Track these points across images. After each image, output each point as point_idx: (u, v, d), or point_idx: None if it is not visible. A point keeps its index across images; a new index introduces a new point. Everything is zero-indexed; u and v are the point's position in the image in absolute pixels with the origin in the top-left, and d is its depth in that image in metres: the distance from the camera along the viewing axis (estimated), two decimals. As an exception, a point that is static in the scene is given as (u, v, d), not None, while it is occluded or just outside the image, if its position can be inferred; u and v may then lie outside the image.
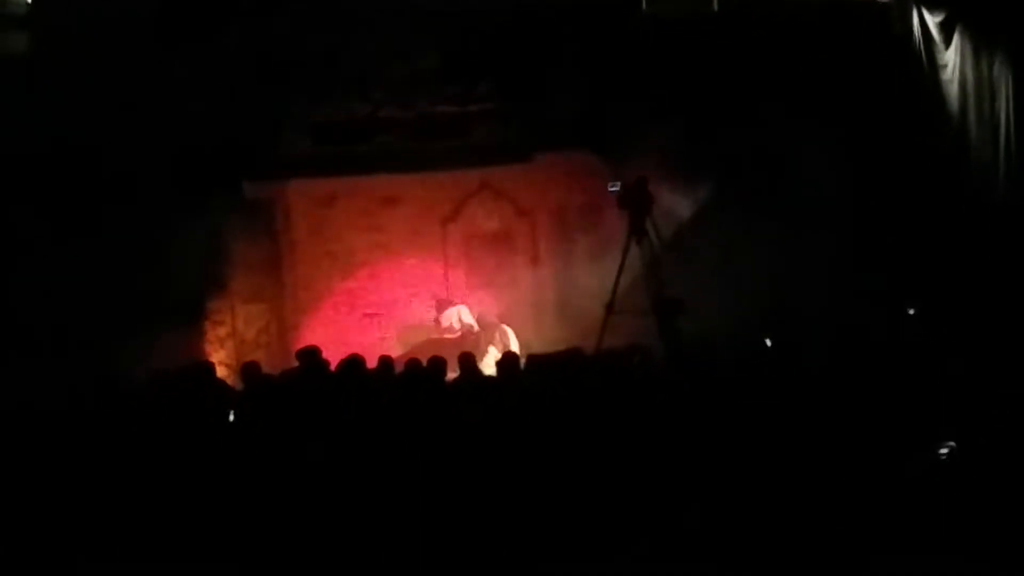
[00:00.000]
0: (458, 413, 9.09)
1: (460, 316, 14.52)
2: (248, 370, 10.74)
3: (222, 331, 14.47)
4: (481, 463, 8.31)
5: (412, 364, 10.40)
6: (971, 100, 13.16)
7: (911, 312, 12.27)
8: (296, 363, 10.77)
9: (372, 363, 10.53)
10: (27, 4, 12.09)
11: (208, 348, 14.26)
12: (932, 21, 13.26)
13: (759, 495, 7.66)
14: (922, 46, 13.40)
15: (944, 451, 7.97)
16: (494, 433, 8.71)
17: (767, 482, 7.77)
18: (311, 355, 10.69)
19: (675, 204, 13.95)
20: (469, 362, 10.79)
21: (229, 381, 11.48)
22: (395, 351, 14.19)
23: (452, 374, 10.63)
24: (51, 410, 9.13)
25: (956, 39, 13.08)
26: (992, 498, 7.36)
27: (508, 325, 14.53)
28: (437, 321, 14.59)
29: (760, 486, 7.73)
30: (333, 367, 10.42)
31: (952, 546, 6.99)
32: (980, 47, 13.03)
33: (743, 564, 7.18)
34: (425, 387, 9.79)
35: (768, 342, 10.49)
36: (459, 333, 14.40)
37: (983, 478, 7.62)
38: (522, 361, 10.69)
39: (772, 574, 7.18)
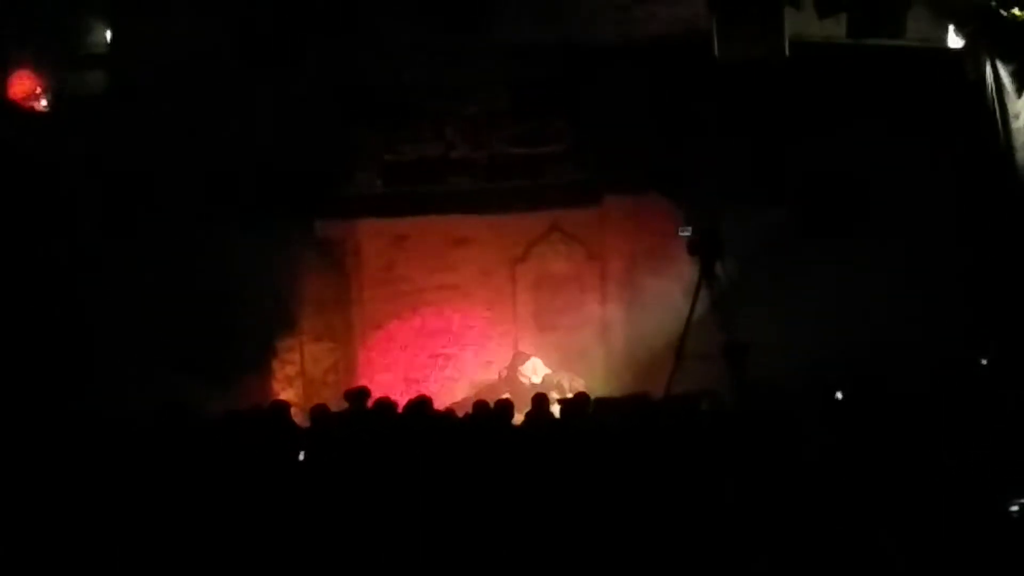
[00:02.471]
0: (526, 455, 9.09)
1: (535, 368, 14.48)
2: (317, 414, 10.76)
3: (291, 370, 14.58)
4: (548, 504, 8.31)
5: (480, 406, 10.42)
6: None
7: (983, 362, 12.11)
8: (347, 402, 10.86)
9: (441, 404, 10.56)
10: (106, 45, 12.28)
11: (277, 387, 14.35)
12: (1004, 70, 13.17)
13: (827, 545, 7.59)
14: (995, 94, 13.29)
15: (1016, 508, 7.86)
16: (562, 475, 8.69)
17: (835, 533, 7.70)
18: (360, 396, 10.77)
19: (746, 248, 13.88)
20: (542, 402, 10.74)
21: (297, 420, 11.55)
22: (464, 392, 14.29)
23: (519, 416, 10.64)
24: (129, 431, 9.29)
25: (1029, 87, 12.99)
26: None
27: (576, 367, 14.51)
28: (512, 374, 14.53)
29: (828, 537, 7.67)
30: (401, 407, 10.45)
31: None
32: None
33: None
34: (493, 429, 9.80)
35: (839, 395, 10.39)
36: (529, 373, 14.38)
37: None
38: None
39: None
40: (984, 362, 12.12)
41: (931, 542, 7.44)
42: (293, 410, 12.78)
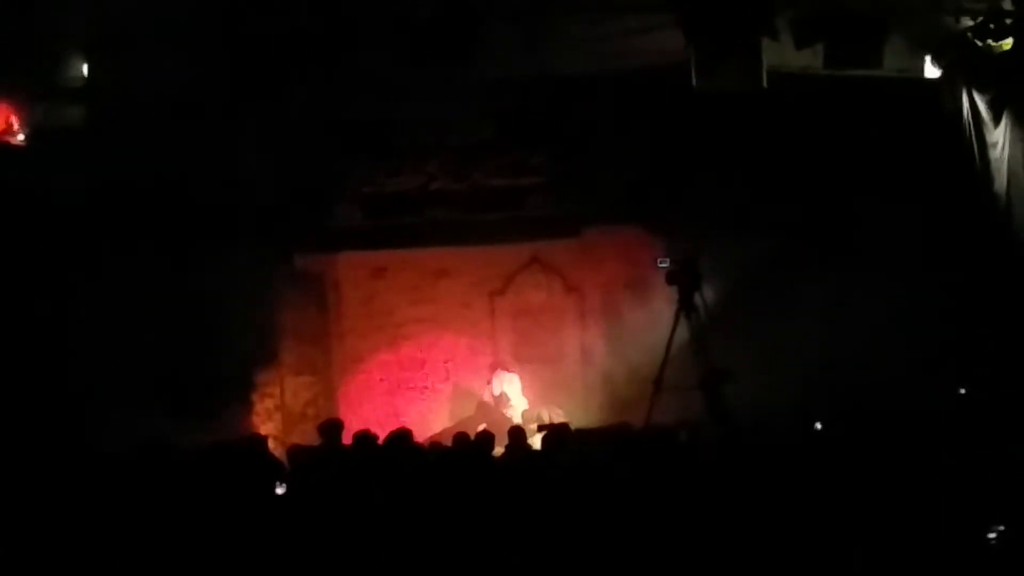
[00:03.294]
0: (506, 487, 9.07)
1: (515, 400, 14.44)
2: (294, 451, 10.68)
3: (270, 403, 14.53)
4: (529, 536, 8.30)
5: (459, 438, 10.40)
6: (1018, 178, 13.09)
7: (962, 392, 12.14)
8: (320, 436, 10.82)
9: (420, 436, 10.53)
10: (83, 78, 12.25)
11: (256, 420, 14.30)
12: (981, 100, 13.24)
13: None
14: (972, 124, 13.36)
15: (994, 535, 7.87)
16: (542, 507, 8.67)
17: (814, 562, 7.70)
18: (333, 428, 10.75)
19: (725, 279, 13.91)
20: (518, 436, 10.75)
21: (277, 454, 11.49)
22: (443, 423, 14.25)
23: (500, 449, 10.62)
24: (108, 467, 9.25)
25: (1005, 118, 13.04)
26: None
27: (555, 399, 14.50)
28: (492, 406, 14.47)
29: (807, 566, 7.67)
30: (381, 440, 10.42)
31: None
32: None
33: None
34: (473, 461, 9.78)
35: (818, 426, 10.40)
36: (509, 404, 14.32)
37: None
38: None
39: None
40: (964, 391, 12.17)
41: (909, 570, 7.44)
42: (273, 443, 12.79)
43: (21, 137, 12.14)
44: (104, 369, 13.11)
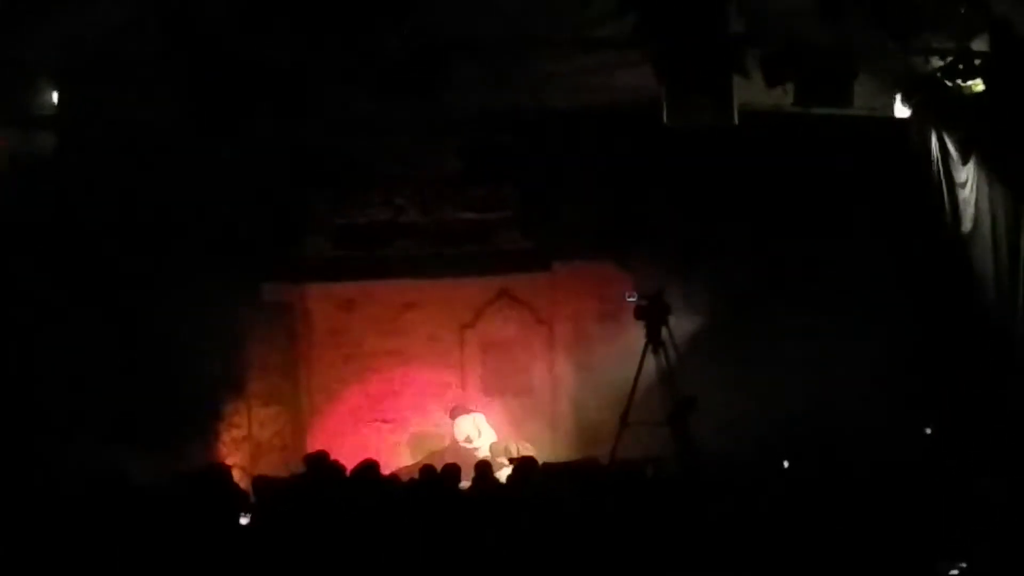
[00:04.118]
0: (472, 521, 9.06)
1: (476, 424, 14.41)
2: (260, 484, 10.63)
3: (238, 433, 14.45)
4: (492, 570, 8.28)
5: (427, 471, 10.38)
6: (986, 218, 13.20)
7: (928, 431, 12.22)
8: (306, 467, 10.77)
9: (387, 469, 10.50)
10: (54, 106, 12.24)
11: (223, 450, 14.22)
12: (950, 140, 13.37)
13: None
14: (940, 163, 13.49)
15: (955, 572, 7.90)
16: (508, 541, 8.66)
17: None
18: (320, 460, 10.69)
19: (693, 315, 13.95)
20: (485, 470, 10.76)
21: (243, 484, 11.43)
22: (410, 457, 14.20)
23: (466, 483, 10.60)
24: (64, 496, 9.17)
25: (974, 158, 13.17)
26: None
27: (523, 432, 14.49)
28: (459, 439, 14.42)
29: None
30: (348, 472, 10.39)
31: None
32: (998, 166, 13.09)
33: None
34: (439, 494, 9.76)
35: (785, 464, 10.44)
36: (473, 444, 14.27)
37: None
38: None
39: None
40: (928, 431, 12.24)
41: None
42: (240, 474, 12.73)
43: (-9, 164, 12.10)
44: (65, 399, 13.03)
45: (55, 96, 12.04)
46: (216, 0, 10.89)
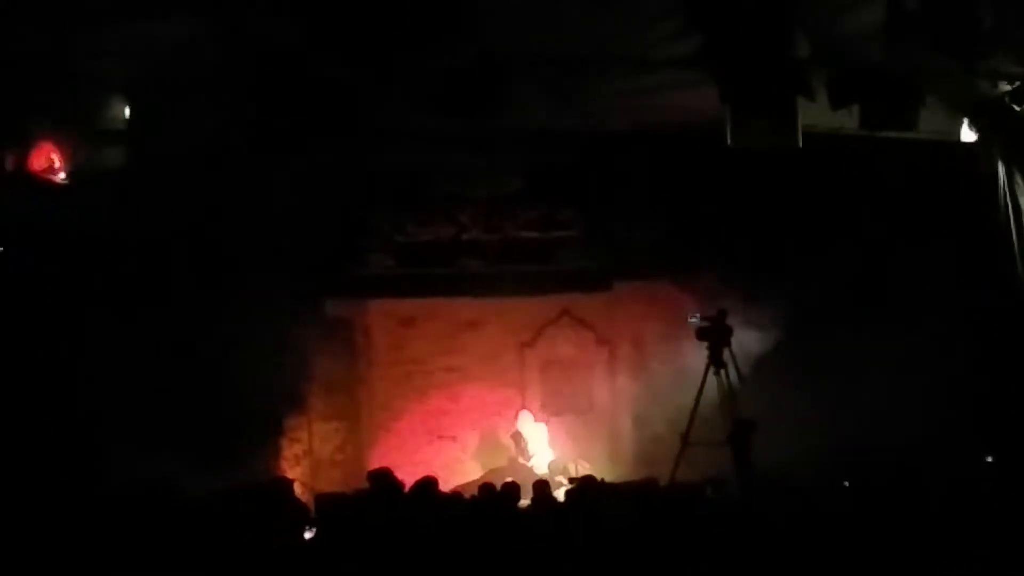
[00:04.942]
0: (531, 539, 9.06)
1: (541, 453, 14.42)
2: (322, 500, 10.69)
3: (298, 448, 14.54)
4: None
5: (486, 489, 10.40)
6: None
7: (989, 460, 12.08)
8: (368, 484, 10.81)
9: (447, 486, 10.53)
10: (124, 120, 12.39)
11: (284, 465, 14.30)
12: (1017, 165, 13.23)
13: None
14: (1007, 188, 13.35)
15: None
16: (565, 561, 8.66)
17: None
18: (383, 477, 10.73)
19: (756, 335, 13.90)
20: (544, 489, 10.76)
21: (304, 499, 11.52)
22: (470, 474, 14.24)
23: (525, 501, 10.61)
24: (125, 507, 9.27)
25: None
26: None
27: (582, 452, 14.48)
28: (518, 457, 14.47)
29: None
30: (407, 488, 10.43)
31: None
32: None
33: None
34: (498, 512, 9.77)
35: (846, 484, 10.36)
36: (534, 455, 14.30)
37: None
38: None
39: None
40: (990, 459, 12.10)
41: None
42: (300, 489, 12.81)
43: (63, 176, 12.27)
44: (128, 412, 13.17)
45: (125, 110, 12.19)
46: (280, 16, 10.94)
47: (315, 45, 10.96)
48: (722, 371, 13.04)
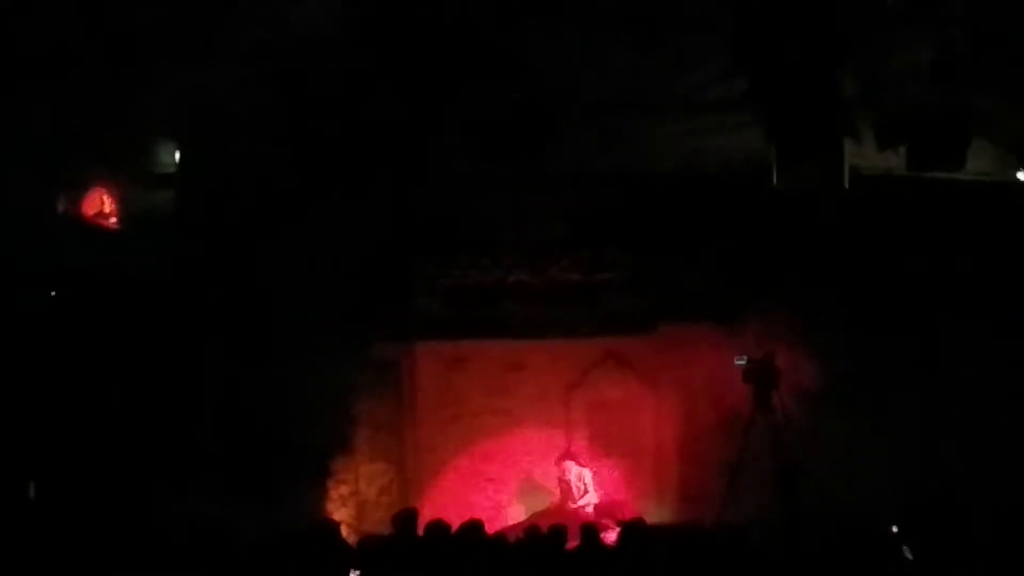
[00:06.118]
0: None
1: (588, 495, 14.40)
2: (368, 542, 10.70)
3: (345, 490, 14.57)
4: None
5: (532, 531, 10.37)
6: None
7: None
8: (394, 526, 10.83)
9: (492, 528, 10.51)
10: (174, 164, 12.54)
11: (330, 506, 14.34)
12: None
13: None
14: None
15: None
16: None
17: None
18: (408, 519, 10.75)
19: (803, 377, 13.83)
20: (591, 532, 10.70)
21: (350, 540, 11.52)
22: (516, 517, 14.21)
23: (572, 544, 10.57)
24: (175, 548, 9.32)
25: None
26: None
27: (629, 494, 14.44)
28: (565, 500, 14.44)
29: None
30: (454, 530, 10.42)
31: None
32: None
33: None
34: (545, 555, 9.74)
35: (895, 529, 10.25)
36: (582, 498, 14.26)
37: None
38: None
39: None
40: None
41: None
42: (346, 530, 12.83)
43: (114, 220, 12.43)
44: (178, 452, 13.27)
45: (176, 154, 12.34)
46: (329, 62, 11.06)
47: (363, 91, 11.07)
48: (769, 414, 12.97)
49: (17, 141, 11.40)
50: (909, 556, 9.52)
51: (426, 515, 11.13)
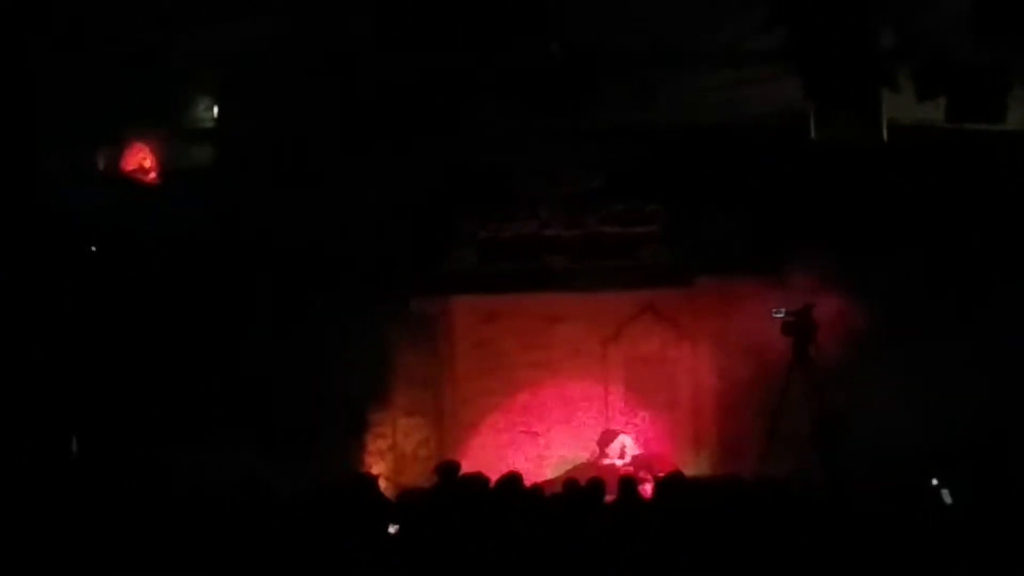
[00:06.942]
0: (616, 536, 9.06)
1: (624, 446, 14.43)
2: (406, 495, 10.77)
3: (383, 443, 14.68)
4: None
5: (570, 485, 10.40)
6: None
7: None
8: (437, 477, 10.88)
9: (530, 481, 10.54)
10: (213, 119, 12.54)
11: (368, 460, 14.45)
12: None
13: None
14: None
15: None
16: (650, 557, 8.65)
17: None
18: (450, 470, 10.80)
19: (841, 329, 13.78)
20: (629, 485, 10.71)
21: (388, 494, 11.61)
22: (554, 469, 14.26)
23: (610, 497, 10.60)
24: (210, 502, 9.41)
25: None
26: None
27: (667, 447, 14.47)
28: (601, 454, 14.47)
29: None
30: (492, 483, 10.46)
31: None
32: None
33: None
34: (583, 508, 9.77)
35: (935, 481, 10.24)
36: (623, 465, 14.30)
37: None
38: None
39: None
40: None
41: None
42: (384, 484, 12.92)
43: (154, 176, 12.47)
44: (216, 407, 13.38)
45: (215, 109, 12.34)
46: (367, 16, 11.02)
47: (402, 44, 11.03)
48: (807, 366, 12.94)
49: (58, 98, 11.43)
50: (948, 500, 9.53)
51: (464, 468, 11.18)
